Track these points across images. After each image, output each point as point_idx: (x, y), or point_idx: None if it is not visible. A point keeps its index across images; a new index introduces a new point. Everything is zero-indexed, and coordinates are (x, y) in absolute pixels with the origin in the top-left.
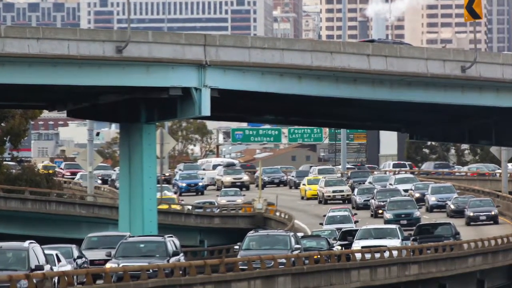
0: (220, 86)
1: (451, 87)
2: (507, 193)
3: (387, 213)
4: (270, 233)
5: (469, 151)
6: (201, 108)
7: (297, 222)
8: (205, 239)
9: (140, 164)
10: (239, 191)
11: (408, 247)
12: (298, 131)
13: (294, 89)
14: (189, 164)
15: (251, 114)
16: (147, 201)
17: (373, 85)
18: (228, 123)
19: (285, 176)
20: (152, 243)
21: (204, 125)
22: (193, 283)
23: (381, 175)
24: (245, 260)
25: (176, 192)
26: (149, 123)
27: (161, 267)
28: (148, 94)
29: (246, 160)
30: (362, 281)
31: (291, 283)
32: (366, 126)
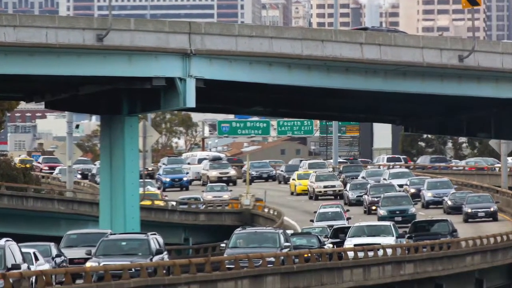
0: (206, 76)
1: (448, 77)
2: (507, 189)
3: (381, 210)
4: (258, 230)
5: (467, 144)
6: (186, 99)
7: (287, 219)
8: (190, 237)
9: (122, 158)
10: (225, 186)
11: (403, 245)
12: (287, 124)
13: (284, 79)
14: (173, 158)
15: (238, 105)
16: (129, 197)
17: (366, 75)
18: (214, 115)
19: (274, 170)
20: (135, 241)
21: (189, 117)
22: (178, 283)
23: (374, 170)
24: (232, 259)
25: (159, 188)
26: (131, 115)
27: (144, 266)
28: (130, 84)
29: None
30: (355, 281)
31: (280, 282)
32: (359, 118)
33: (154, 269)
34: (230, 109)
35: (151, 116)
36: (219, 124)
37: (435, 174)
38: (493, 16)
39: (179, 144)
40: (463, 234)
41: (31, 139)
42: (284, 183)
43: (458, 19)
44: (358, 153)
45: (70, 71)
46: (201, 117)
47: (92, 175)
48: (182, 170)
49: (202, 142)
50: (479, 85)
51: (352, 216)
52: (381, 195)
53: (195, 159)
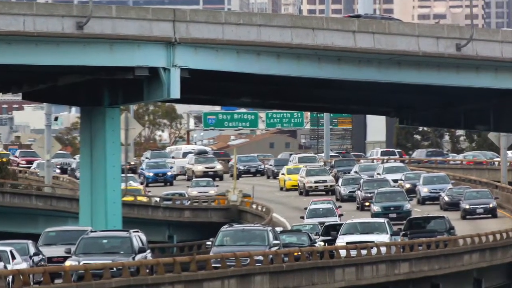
0: (191, 66)
1: (445, 67)
2: (507, 184)
3: (375, 206)
4: (246, 227)
5: (464, 137)
6: (170, 90)
7: (276, 216)
8: (175, 234)
9: (103, 151)
10: (211, 181)
11: (397, 243)
12: (276, 116)
13: (272, 69)
14: (156, 151)
15: (225, 96)
16: (110, 192)
17: (359, 65)
18: (199, 107)
19: (262, 165)
20: (116, 238)
21: (173, 109)
22: (161, 282)
23: (368, 164)
24: (219, 258)
25: (142, 183)
26: (113, 107)
27: (126, 265)
28: (111, 74)
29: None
30: (347, 281)
31: (269, 282)
32: (352, 110)
33: (136, 268)
34: (217, 100)
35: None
36: (205, 116)
37: (431, 169)
38: (492, 3)
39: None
40: (460, 232)
41: (8, 132)
42: (273, 178)
43: (456, 6)
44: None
45: (48, 61)
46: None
47: (71, 170)
48: (166, 165)
49: (187, 135)
50: (477, 75)
51: (344, 212)
52: (375, 191)
53: (179, 152)
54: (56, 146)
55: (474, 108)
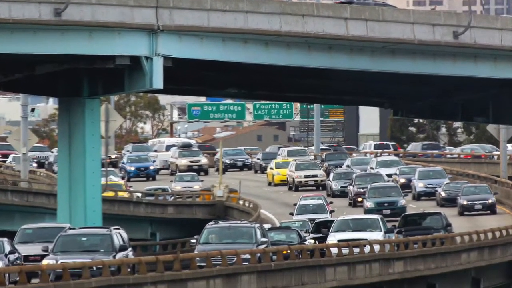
0: (175, 55)
1: (441, 56)
2: (506, 179)
3: (368, 202)
4: (232, 224)
5: (462, 129)
6: (153, 80)
7: (264, 212)
8: (157, 232)
9: (82, 144)
10: (196, 176)
11: (392, 241)
12: (264, 107)
13: (260, 58)
14: (138, 144)
15: (210, 87)
16: (89, 187)
17: (352, 54)
18: (183, 98)
19: (250, 158)
20: (96, 236)
21: (156, 100)
22: (143, 282)
23: (360, 158)
24: (203, 256)
25: (123, 177)
26: (93, 98)
27: (106, 264)
28: (91, 63)
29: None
30: (338, 280)
31: (256, 282)
32: (344, 100)
33: (117, 267)
34: (201, 91)
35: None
36: (189, 108)
37: (427, 163)
38: None
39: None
40: (458, 229)
41: None
42: (260, 172)
43: None
44: (342, 139)
45: (25, 49)
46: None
47: (49, 164)
48: (148, 158)
49: (171, 127)
50: (475, 64)
51: (336, 208)
52: (368, 186)
53: (162, 146)
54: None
55: (472, 99)
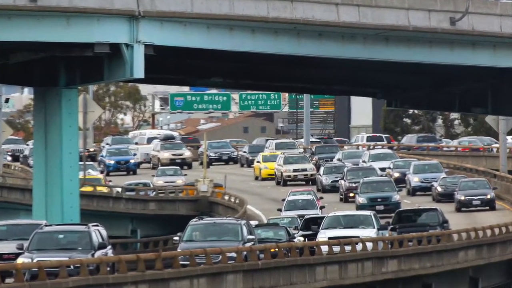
0: (156, 42)
1: (438, 43)
2: (506, 173)
3: (360, 197)
4: (217, 221)
5: (459, 121)
6: (133, 68)
7: (250, 208)
8: (138, 229)
9: (59, 137)
10: (179, 170)
11: (385, 238)
12: (251, 97)
13: (247, 46)
14: (118, 137)
15: (194, 76)
16: (67, 182)
17: (343, 41)
18: (166, 87)
19: (236, 151)
20: (74, 233)
21: (136, 90)
22: (123, 281)
23: (352, 151)
24: (187, 254)
25: (102, 171)
26: (70, 87)
27: (85, 263)
28: (68, 51)
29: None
30: (329, 280)
31: (242, 282)
32: (334, 90)
33: (96, 266)
34: (185, 80)
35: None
36: (172, 98)
37: (422, 156)
38: None
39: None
40: (455, 226)
41: None
42: (247, 166)
43: None
44: (333, 131)
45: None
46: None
47: (24, 157)
48: (128, 151)
49: (152, 119)
50: (474, 52)
51: (326, 204)
52: (360, 180)
53: (143, 138)
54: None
55: (470, 89)
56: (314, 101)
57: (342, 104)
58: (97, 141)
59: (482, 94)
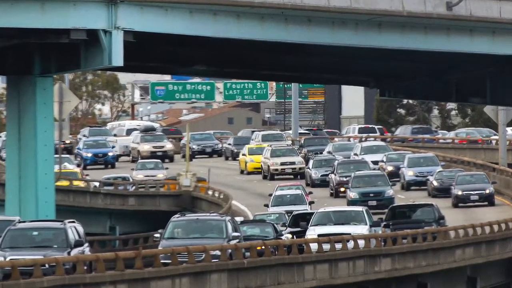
0: (136, 28)
1: (433, 30)
2: (506, 166)
3: (352, 192)
4: (200, 217)
5: (456, 111)
6: (112, 56)
7: (235, 203)
8: (117, 225)
9: (33, 128)
10: (160, 163)
11: (378, 236)
12: (236, 86)
13: (232, 32)
14: (96, 128)
15: (176, 64)
16: (41, 176)
17: (333, 27)
18: (146, 76)
19: (220, 144)
20: (49, 230)
21: (115, 79)
22: (101, 281)
23: (343, 143)
24: (168, 252)
25: (79, 165)
26: (45, 76)
27: (60, 261)
28: (43, 38)
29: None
30: (319, 279)
31: (227, 281)
32: (324, 79)
33: (72, 265)
34: (166, 68)
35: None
36: (153, 87)
37: (417, 148)
38: None
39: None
40: (452, 222)
41: None
42: (232, 159)
43: None
44: (323, 122)
45: None
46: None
47: None
48: (106, 144)
49: (132, 109)
50: (471, 39)
51: (316, 200)
52: (351, 174)
53: (123, 129)
54: None
55: (468, 78)
56: (303, 91)
57: (333, 94)
58: (73, 133)
59: (480, 83)
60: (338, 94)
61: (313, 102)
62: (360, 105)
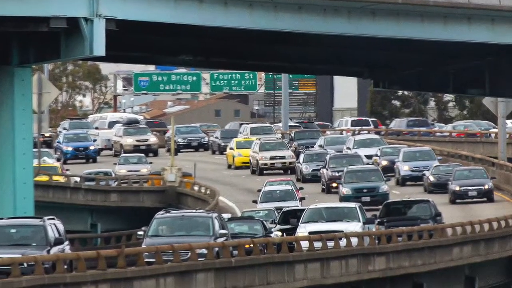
0: (119, 16)
1: (430, 18)
2: (506, 160)
3: (344, 187)
4: (186, 214)
5: (454, 103)
6: (93, 45)
7: (223, 200)
8: (99, 222)
9: (11, 121)
10: (144, 157)
11: (372, 233)
12: (223, 77)
13: (218, 20)
14: (77, 121)
15: (160, 53)
16: (19, 171)
17: (325, 15)
18: (129, 66)
19: (206, 137)
20: (27, 227)
21: (97, 69)
22: (82, 281)
23: (335, 136)
24: (152, 251)
25: (59, 159)
26: (23, 66)
27: (39, 260)
28: (21, 26)
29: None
30: (310, 279)
31: (214, 281)
32: (316, 70)
33: (52, 264)
34: (150, 58)
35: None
36: (136, 78)
37: (413, 142)
38: None
39: (85, 103)
40: (449, 219)
41: None
42: (219, 153)
43: None
44: (314, 114)
45: None
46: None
47: None
48: (88, 137)
49: (114, 101)
50: (470, 28)
51: (307, 195)
52: (344, 169)
53: (104, 122)
54: None
55: (466, 68)
56: (293, 81)
57: (324, 85)
58: (53, 126)
59: (479, 73)
60: (330, 85)
61: (304, 94)
62: (353, 97)
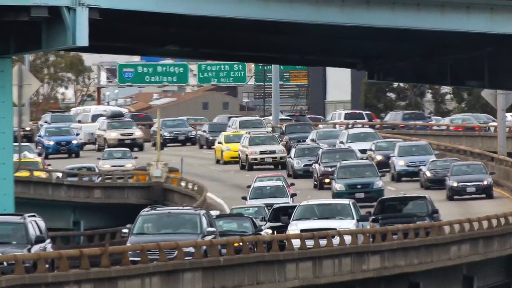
0: (102, 5)
1: (426, 6)
2: (505, 155)
3: (337, 183)
4: (172, 211)
5: (452, 96)
6: (76, 35)
7: (211, 196)
8: (82, 220)
9: None
10: (129, 152)
11: (366, 231)
12: (211, 68)
13: (206, 9)
14: (59, 114)
15: (146, 44)
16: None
17: (317, 4)
18: (113, 57)
19: (194, 131)
20: (7, 225)
21: (79, 60)
22: (65, 280)
23: (328, 130)
24: (138, 249)
25: (40, 154)
26: (3, 57)
27: (20, 259)
28: (1, 15)
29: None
30: (301, 278)
31: (201, 280)
32: (308, 61)
33: (33, 263)
34: (135, 48)
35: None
36: (120, 69)
37: (409, 136)
38: None
39: (67, 96)
40: (446, 216)
41: None
42: (207, 147)
43: None
44: (306, 107)
45: None
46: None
47: None
48: (70, 131)
49: (98, 93)
50: (468, 17)
51: (298, 192)
52: (337, 164)
53: (88, 115)
54: None
55: (464, 59)
56: (284, 73)
57: (317, 77)
58: (34, 119)
59: (477, 64)
60: (323, 77)
61: (296, 86)
62: (346, 89)
